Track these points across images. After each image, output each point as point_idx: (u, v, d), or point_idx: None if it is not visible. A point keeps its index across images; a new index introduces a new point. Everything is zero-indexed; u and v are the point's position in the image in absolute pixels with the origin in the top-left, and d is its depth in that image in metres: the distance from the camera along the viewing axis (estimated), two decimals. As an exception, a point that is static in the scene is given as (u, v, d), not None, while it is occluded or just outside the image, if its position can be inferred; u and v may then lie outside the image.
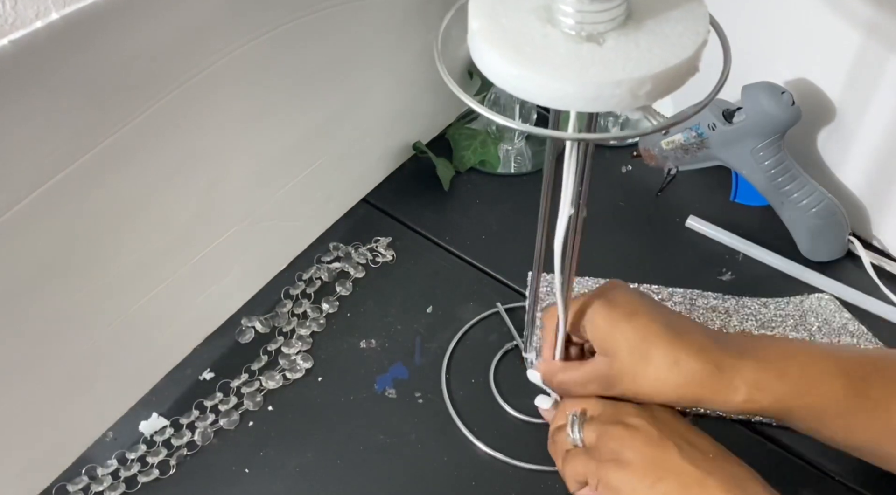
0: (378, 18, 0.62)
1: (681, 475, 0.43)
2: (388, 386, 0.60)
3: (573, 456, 0.48)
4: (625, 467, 0.44)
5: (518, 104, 0.73)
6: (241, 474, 0.56)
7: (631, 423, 0.46)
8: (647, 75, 0.33)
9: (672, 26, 0.35)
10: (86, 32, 0.40)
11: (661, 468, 0.44)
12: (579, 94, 0.34)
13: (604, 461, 0.45)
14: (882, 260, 0.67)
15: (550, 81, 0.34)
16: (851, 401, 0.45)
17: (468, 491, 0.54)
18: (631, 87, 0.33)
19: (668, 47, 0.34)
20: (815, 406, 0.46)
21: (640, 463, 0.44)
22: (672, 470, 0.43)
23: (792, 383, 0.45)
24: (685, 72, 0.35)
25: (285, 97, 0.57)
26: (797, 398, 0.45)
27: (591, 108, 0.34)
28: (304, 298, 0.66)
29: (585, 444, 0.48)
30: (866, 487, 0.54)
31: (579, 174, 0.42)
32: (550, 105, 0.35)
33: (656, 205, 0.73)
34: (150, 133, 0.47)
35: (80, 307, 0.49)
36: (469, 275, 0.68)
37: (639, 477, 0.44)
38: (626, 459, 0.45)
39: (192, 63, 0.48)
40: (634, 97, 0.34)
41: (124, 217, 0.49)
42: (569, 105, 0.34)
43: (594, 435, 0.47)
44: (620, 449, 0.45)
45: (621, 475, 0.44)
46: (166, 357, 0.60)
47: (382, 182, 0.75)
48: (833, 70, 0.63)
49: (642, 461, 0.44)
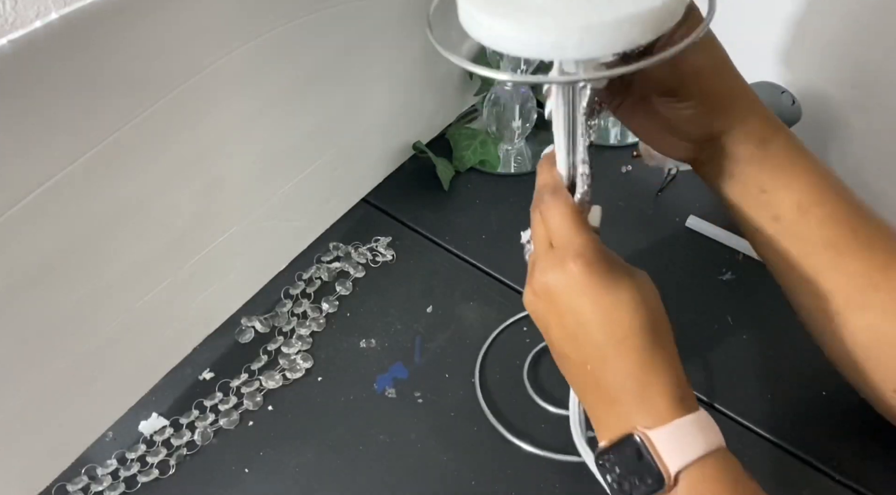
0: (378, 18, 0.62)
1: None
2: (388, 386, 0.60)
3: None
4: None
5: (518, 103, 0.73)
6: (241, 474, 0.56)
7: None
8: (610, 20, 0.34)
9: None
10: (85, 32, 0.40)
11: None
12: (543, 41, 0.35)
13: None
14: (882, 260, 0.67)
15: (519, 30, 0.35)
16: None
17: (468, 490, 0.54)
18: (558, 38, 0.34)
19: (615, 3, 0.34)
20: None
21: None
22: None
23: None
24: (645, 22, 0.35)
25: (285, 97, 0.57)
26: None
27: (556, 56, 0.36)
28: (303, 298, 0.66)
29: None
30: (866, 487, 0.54)
31: (569, 119, 0.42)
32: (524, 54, 0.36)
33: (656, 205, 0.73)
34: (150, 133, 0.47)
35: (80, 307, 0.49)
36: (469, 275, 0.68)
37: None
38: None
39: (192, 63, 0.48)
40: (561, 48, 0.35)
41: (124, 217, 0.49)
42: (538, 53, 0.35)
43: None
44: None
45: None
46: (166, 357, 0.60)
47: (382, 182, 0.75)
48: (833, 70, 0.63)
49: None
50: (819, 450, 0.56)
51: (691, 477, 0.38)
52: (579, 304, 0.40)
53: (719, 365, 0.61)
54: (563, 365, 0.44)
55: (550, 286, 0.41)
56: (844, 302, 0.44)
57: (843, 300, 0.44)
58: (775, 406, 0.58)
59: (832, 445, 0.56)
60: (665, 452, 0.38)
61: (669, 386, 0.39)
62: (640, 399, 0.39)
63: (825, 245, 0.44)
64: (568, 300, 0.41)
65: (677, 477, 0.38)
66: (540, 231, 0.43)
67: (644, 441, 0.38)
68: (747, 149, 0.45)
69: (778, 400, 0.59)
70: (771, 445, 0.56)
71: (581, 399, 0.44)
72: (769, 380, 0.60)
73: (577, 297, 0.40)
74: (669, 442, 0.38)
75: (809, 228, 0.45)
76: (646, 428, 0.39)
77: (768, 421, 0.57)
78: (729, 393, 0.59)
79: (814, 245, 0.45)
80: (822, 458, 0.55)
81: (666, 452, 0.38)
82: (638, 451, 0.38)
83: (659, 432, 0.38)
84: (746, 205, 0.46)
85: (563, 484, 0.54)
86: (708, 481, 0.38)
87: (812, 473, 0.55)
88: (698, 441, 0.38)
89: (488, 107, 0.74)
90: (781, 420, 0.57)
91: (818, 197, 0.45)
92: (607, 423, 0.41)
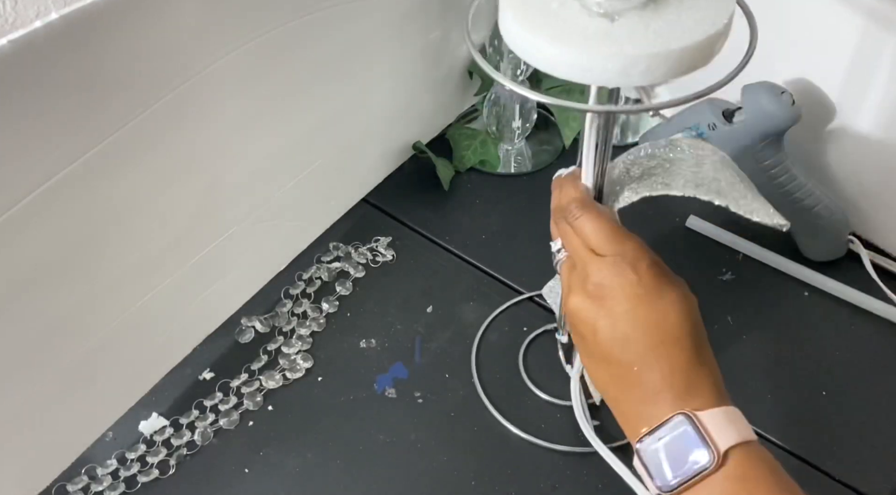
0: (378, 18, 0.62)
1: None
2: (388, 385, 0.60)
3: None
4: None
5: (518, 103, 0.73)
6: (240, 474, 0.56)
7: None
8: (642, 54, 0.34)
9: (690, 14, 0.36)
10: (85, 32, 0.40)
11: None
12: (573, 63, 0.35)
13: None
14: (882, 259, 0.67)
15: (549, 48, 0.36)
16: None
17: (468, 490, 0.54)
18: (624, 64, 0.35)
19: (677, 32, 0.35)
20: None
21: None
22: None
23: None
24: (688, 58, 0.36)
25: (285, 97, 0.57)
26: None
27: (585, 80, 0.36)
28: (304, 298, 0.66)
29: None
30: (866, 487, 0.54)
31: (598, 147, 0.44)
32: (552, 72, 0.37)
33: (656, 205, 0.73)
34: (150, 133, 0.47)
35: (80, 307, 0.49)
36: (469, 275, 0.68)
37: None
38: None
39: (191, 63, 0.48)
40: (627, 75, 0.35)
41: (124, 217, 0.49)
42: (567, 74, 0.36)
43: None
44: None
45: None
46: (166, 357, 0.60)
47: (382, 182, 0.75)
48: (833, 70, 0.63)
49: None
50: (819, 450, 0.56)
51: (739, 456, 0.39)
52: (635, 307, 0.42)
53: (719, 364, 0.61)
54: (601, 367, 0.44)
55: (608, 289, 0.42)
56: None
57: None
58: (775, 406, 0.58)
59: (832, 445, 0.56)
60: (716, 430, 0.39)
61: (714, 381, 0.42)
62: (687, 392, 0.41)
63: None
64: (625, 303, 0.42)
65: (727, 455, 0.38)
66: (574, 241, 0.45)
67: (695, 419, 0.39)
68: None
69: (778, 400, 0.59)
70: (771, 445, 0.56)
71: (615, 399, 0.44)
72: (769, 380, 0.60)
73: (634, 300, 0.42)
74: (720, 422, 0.39)
75: None
76: (694, 409, 0.40)
77: (768, 421, 0.57)
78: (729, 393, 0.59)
79: None
80: (822, 458, 0.55)
81: (717, 430, 0.39)
82: (686, 430, 0.39)
83: (709, 413, 0.40)
84: None
85: (563, 484, 0.54)
86: (754, 461, 0.39)
87: (812, 473, 0.55)
88: (744, 426, 0.40)
89: (488, 107, 0.74)
90: (781, 420, 0.58)
91: None
92: (649, 415, 0.41)
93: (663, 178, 0.47)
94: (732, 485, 0.38)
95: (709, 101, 0.65)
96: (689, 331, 0.41)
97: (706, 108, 0.64)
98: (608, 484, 0.54)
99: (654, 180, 0.47)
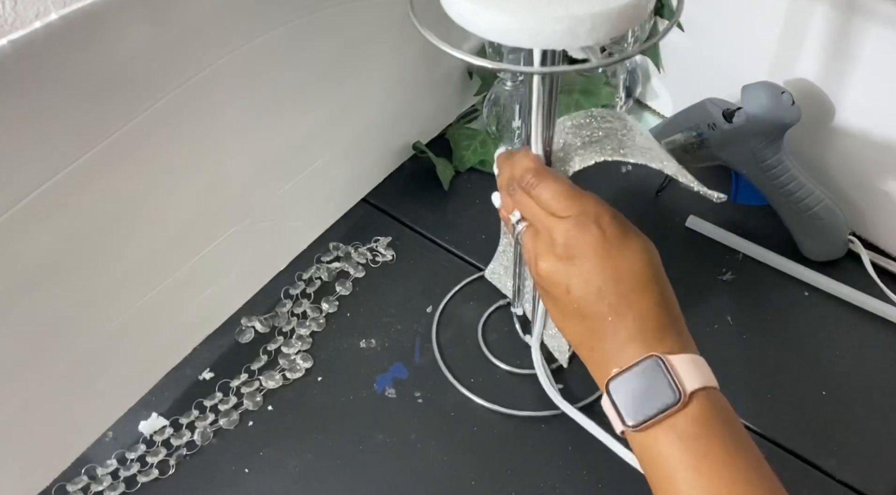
0: (377, 18, 0.62)
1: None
2: (388, 385, 0.60)
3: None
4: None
5: (518, 104, 0.73)
6: (240, 474, 0.56)
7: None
8: (586, 14, 0.36)
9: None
10: (85, 32, 0.40)
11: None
12: (522, 28, 0.37)
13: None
14: (882, 259, 0.67)
15: (497, 16, 0.37)
16: None
17: (468, 490, 0.54)
18: (571, 25, 0.36)
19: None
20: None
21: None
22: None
23: None
24: (628, 15, 0.37)
25: (285, 97, 0.57)
26: None
27: (536, 44, 0.38)
28: (303, 298, 0.66)
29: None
30: (865, 487, 0.54)
31: (544, 113, 0.45)
32: (500, 40, 0.38)
33: (656, 205, 0.73)
34: (149, 133, 0.47)
35: (79, 307, 0.49)
36: (469, 275, 0.68)
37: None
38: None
39: (191, 63, 0.48)
40: (574, 35, 0.37)
41: (124, 217, 0.49)
42: (516, 41, 0.37)
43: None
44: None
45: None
46: (166, 357, 0.60)
47: (382, 182, 0.75)
48: (833, 70, 0.63)
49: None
50: (819, 449, 0.56)
51: (701, 400, 0.40)
52: (604, 260, 0.43)
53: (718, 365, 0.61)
54: (576, 323, 0.45)
55: (576, 248, 0.43)
56: None
57: None
58: (775, 406, 0.58)
59: (832, 445, 0.56)
60: (683, 373, 0.41)
61: (680, 327, 0.43)
62: (659, 336, 0.42)
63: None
64: (594, 258, 0.43)
65: (691, 397, 0.40)
66: (533, 209, 0.46)
67: (664, 361, 0.41)
68: None
69: (778, 400, 0.59)
70: (771, 445, 0.56)
71: (591, 350, 0.45)
72: (769, 380, 0.60)
73: (602, 254, 0.43)
74: (687, 366, 0.41)
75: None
76: (665, 353, 0.41)
77: (768, 421, 0.57)
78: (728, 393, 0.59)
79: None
80: (822, 458, 0.55)
81: (684, 373, 0.41)
82: (656, 371, 0.41)
83: (678, 357, 0.41)
84: None
85: (563, 484, 0.54)
86: (714, 407, 0.41)
87: (812, 473, 0.55)
88: (708, 372, 0.42)
89: (488, 107, 0.74)
90: (781, 420, 0.58)
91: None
92: (622, 357, 0.42)
93: (612, 144, 0.48)
94: (692, 425, 0.40)
95: (709, 100, 0.65)
96: (653, 276, 0.43)
97: (706, 108, 0.65)
98: (607, 481, 0.53)
99: (604, 145, 0.48)
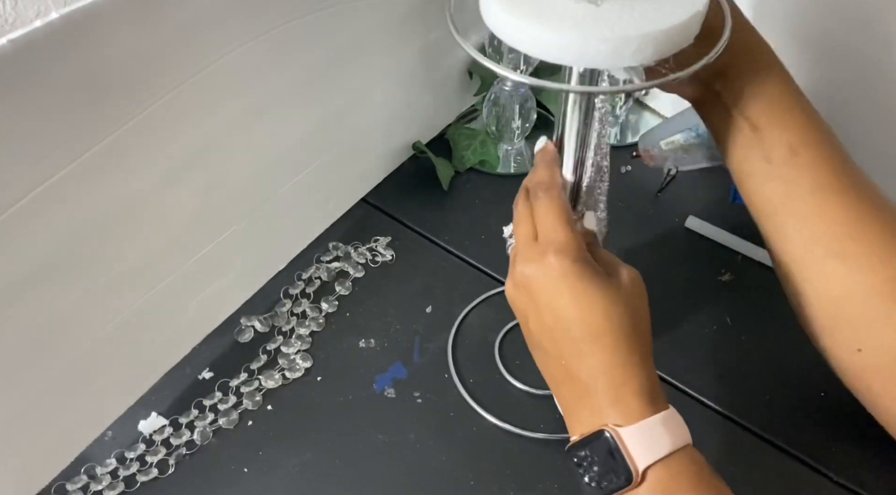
0: (378, 18, 0.62)
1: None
2: (388, 385, 0.60)
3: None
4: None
5: (518, 103, 0.73)
6: (240, 473, 0.56)
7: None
8: (633, 35, 0.36)
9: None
10: (85, 32, 0.40)
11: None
12: (566, 46, 0.37)
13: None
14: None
15: (541, 33, 0.37)
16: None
17: (467, 490, 0.54)
18: (616, 45, 0.36)
19: (662, 14, 0.37)
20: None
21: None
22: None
23: None
24: (674, 37, 0.37)
25: (285, 97, 0.57)
26: None
27: (578, 63, 0.38)
28: (303, 298, 0.66)
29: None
30: (865, 488, 0.54)
31: (579, 133, 0.45)
32: (541, 57, 0.38)
33: (656, 205, 0.73)
34: (149, 132, 0.47)
35: (79, 306, 0.49)
36: (469, 275, 0.68)
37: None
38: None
39: (191, 62, 0.48)
40: (619, 55, 0.36)
41: (124, 216, 0.49)
42: (557, 58, 0.37)
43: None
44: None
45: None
46: (165, 356, 0.60)
47: (382, 182, 0.75)
48: (833, 69, 0.63)
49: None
50: (818, 451, 0.56)
51: (657, 473, 0.39)
52: (557, 299, 0.41)
53: (718, 365, 0.61)
54: (538, 356, 0.45)
55: (530, 278, 0.42)
56: (824, 250, 0.44)
57: (824, 248, 0.44)
58: (774, 406, 0.58)
59: (832, 445, 0.56)
60: (634, 449, 0.39)
61: (640, 385, 0.40)
62: (612, 396, 0.40)
63: (812, 189, 0.45)
64: (546, 294, 0.42)
65: (645, 474, 0.39)
66: (526, 225, 0.44)
67: (615, 438, 0.39)
68: (742, 82, 0.46)
69: (777, 400, 0.59)
70: (770, 446, 0.56)
71: (554, 390, 0.45)
72: (768, 381, 0.60)
73: (555, 292, 0.41)
74: (638, 439, 0.39)
75: (799, 171, 0.45)
76: (616, 425, 0.40)
77: (767, 422, 0.57)
78: (728, 394, 0.59)
79: (801, 188, 0.45)
80: (822, 459, 0.55)
81: (635, 449, 0.39)
82: (609, 448, 0.39)
83: (629, 430, 0.39)
84: (739, 145, 0.47)
85: (563, 484, 0.55)
86: (673, 477, 0.39)
87: (811, 474, 0.55)
88: (665, 439, 0.39)
89: (488, 107, 0.74)
90: (781, 420, 0.58)
91: (808, 138, 0.45)
92: (580, 416, 0.42)
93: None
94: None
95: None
96: (613, 328, 0.40)
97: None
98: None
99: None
